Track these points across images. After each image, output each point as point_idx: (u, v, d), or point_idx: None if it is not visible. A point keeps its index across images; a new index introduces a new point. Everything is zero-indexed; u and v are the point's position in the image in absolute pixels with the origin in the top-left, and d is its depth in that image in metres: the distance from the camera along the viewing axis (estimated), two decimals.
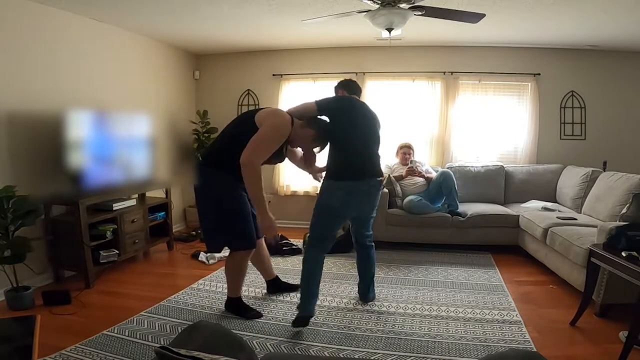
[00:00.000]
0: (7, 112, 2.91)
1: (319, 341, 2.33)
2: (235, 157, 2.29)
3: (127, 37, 4.11)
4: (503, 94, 4.78)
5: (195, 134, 5.03)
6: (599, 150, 4.59)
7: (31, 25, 3.08)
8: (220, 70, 5.32)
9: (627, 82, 4.61)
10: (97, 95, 3.68)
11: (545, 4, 3.14)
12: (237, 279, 2.68)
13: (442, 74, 4.77)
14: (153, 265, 3.82)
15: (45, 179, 3.09)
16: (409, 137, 4.67)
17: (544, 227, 3.36)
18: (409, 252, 4.02)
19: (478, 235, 4.02)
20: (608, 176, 3.64)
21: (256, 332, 2.43)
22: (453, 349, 2.23)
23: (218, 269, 3.58)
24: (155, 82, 4.60)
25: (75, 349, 2.19)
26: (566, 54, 4.62)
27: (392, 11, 2.63)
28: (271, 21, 3.80)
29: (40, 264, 3.14)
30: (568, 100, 4.72)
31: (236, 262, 2.62)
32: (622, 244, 2.25)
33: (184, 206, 5.22)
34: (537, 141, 4.75)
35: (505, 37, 4.32)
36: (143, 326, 2.49)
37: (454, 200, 4.08)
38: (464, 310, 2.73)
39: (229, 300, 2.73)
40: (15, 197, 2.69)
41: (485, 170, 4.54)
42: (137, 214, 3.69)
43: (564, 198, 4.20)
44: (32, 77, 3.09)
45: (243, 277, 2.71)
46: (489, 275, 3.43)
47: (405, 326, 2.52)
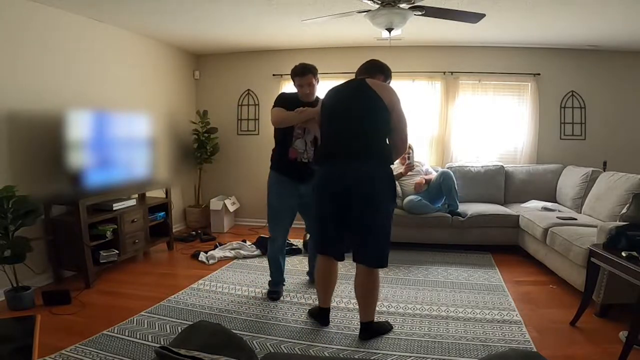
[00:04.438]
0: (7, 112, 2.91)
1: (319, 341, 2.33)
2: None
3: (127, 37, 4.11)
4: (503, 94, 4.78)
5: (195, 134, 5.04)
6: (599, 150, 4.59)
7: (31, 25, 3.08)
8: (220, 70, 5.33)
9: (627, 82, 4.61)
10: (97, 95, 3.68)
11: (545, 3, 3.14)
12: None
13: (442, 74, 4.77)
14: (153, 265, 3.81)
15: (45, 179, 3.09)
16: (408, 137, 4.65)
17: (544, 227, 3.36)
18: (409, 252, 4.02)
19: (478, 235, 4.02)
20: (608, 176, 3.64)
21: (256, 332, 2.43)
22: (453, 349, 2.23)
23: (218, 269, 3.59)
24: (155, 82, 4.60)
25: (75, 349, 2.19)
26: (566, 54, 4.62)
27: (392, 11, 2.63)
28: (271, 21, 3.80)
29: (40, 264, 3.14)
30: (568, 100, 4.72)
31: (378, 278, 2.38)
32: (622, 244, 2.25)
33: (184, 206, 5.23)
34: (537, 141, 4.75)
35: (505, 37, 4.32)
36: (143, 326, 2.49)
37: (454, 200, 4.08)
38: (464, 310, 2.73)
39: (370, 325, 2.39)
40: (15, 197, 2.68)
41: (485, 170, 4.54)
42: (137, 214, 3.69)
43: (564, 198, 4.20)
44: (32, 77, 3.09)
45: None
46: (489, 275, 3.43)
47: (405, 326, 2.52)
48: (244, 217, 5.37)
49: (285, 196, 2.86)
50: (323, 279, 2.50)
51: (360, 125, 2.27)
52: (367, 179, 2.20)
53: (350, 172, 2.22)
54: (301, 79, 2.78)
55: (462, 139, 4.85)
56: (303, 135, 2.81)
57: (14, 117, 2.95)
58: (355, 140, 2.26)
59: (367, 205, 2.22)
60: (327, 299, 2.55)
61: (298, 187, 2.83)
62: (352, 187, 2.21)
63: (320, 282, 2.52)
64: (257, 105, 5.28)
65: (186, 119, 5.06)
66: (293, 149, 2.81)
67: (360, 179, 2.20)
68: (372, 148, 2.26)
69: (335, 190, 2.26)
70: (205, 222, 5.12)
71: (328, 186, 2.30)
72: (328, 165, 2.32)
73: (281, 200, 2.86)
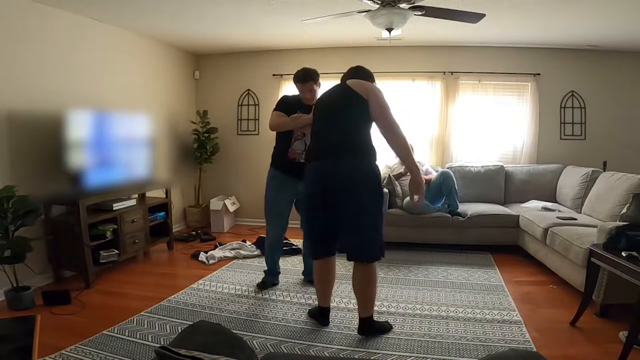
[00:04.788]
0: (7, 111, 2.91)
1: (319, 341, 2.33)
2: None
3: (127, 37, 4.11)
4: (503, 94, 4.78)
5: (195, 134, 5.04)
6: (599, 150, 4.59)
7: (31, 24, 3.07)
8: (220, 70, 5.33)
9: (627, 82, 4.61)
10: (97, 95, 3.68)
11: (545, 3, 3.14)
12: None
13: (442, 74, 4.77)
14: (153, 265, 3.81)
15: (45, 179, 3.09)
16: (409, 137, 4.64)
17: (544, 227, 3.36)
18: (409, 252, 4.02)
19: (478, 235, 4.02)
20: (608, 176, 3.64)
21: (256, 332, 2.43)
22: (453, 349, 2.23)
23: (218, 269, 3.59)
24: (155, 82, 4.60)
25: (75, 349, 2.19)
26: (566, 54, 4.62)
27: (392, 11, 2.63)
28: (271, 21, 3.81)
29: (40, 264, 3.14)
30: (568, 100, 4.72)
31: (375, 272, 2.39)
32: (622, 244, 2.25)
33: (184, 206, 5.23)
34: (537, 141, 4.75)
35: (505, 37, 4.32)
36: (143, 326, 2.49)
37: (454, 200, 4.08)
38: (464, 310, 2.73)
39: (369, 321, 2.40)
40: (15, 197, 2.68)
41: (485, 170, 4.54)
42: (137, 214, 3.69)
43: (564, 198, 4.20)
44: (32, 77, 3.09)
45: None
46: (489, 275, 3.43)
47: (405, 326, 2.52)
48: (244, 217, 5.37)
49: (282, 192, 2.98)
50: (320, 278, 2.52)
51: (339, 123, 2.29)
52: (347, 176, 2.20)
53: (330, 170, 2.23)
54: (302, 86, 2.90)
55: (462, 139, 4.85)
56: (303, 137, 2.90)
57: (14, 117, 2.95)
58: (334, 138, 2.29)
59: (350, 202, 2.21)
60: (327, 298, 2.55)
61: (296, 184, 2.89)
62: (333, 185, 2.22)
63: (318, 281, 2.53)
64: (257, 105, 5.28)
65: (186, 119, 5.06)
66: (292, 149, 2.91)
67: (340, 176, 2.21)
68: (351, 144, 2.26)
69: (318, 189, 2.29)
70: (205, 222, 5.12)
71: (311, 186, 2.35)
72: (310, 166, 2.37)
73: (278, 195, 2.99)
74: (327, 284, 2.53)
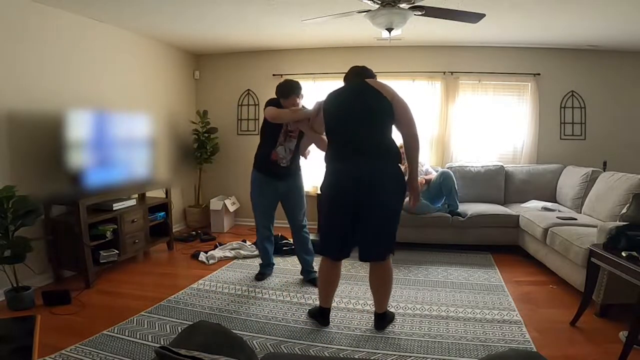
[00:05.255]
0: (7, 111, 2.91)
1: (319, 341, 2.33)
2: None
3: (127, 37, 4.11)
4: (503, 94, 4.78)
5: (195, 134, 5.04)
6: (599, 150, 4.59)
7: (31, 24, 3.07)
8: (220, 70, 5.33)
9: (627, 82, 4.61)
10: (97, 95, 3.67)
11: (545, 3, 3.14)
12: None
13: (442, 74, 4.77)
14: (153, 265, 3.81)
15: (45, 179, 3.09)
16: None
17: (544, 227, 3.36)
18: (409, 252, 4.02)
19: (478, 235, 4.02)
20: (608, 176, 3.64)
21: (256, 332, 2.43)
22: (453, 349, 2.23)
23: (218, 269, 3.59)
24: (155, 82, 4.60)
25: (75, 349, 2.19)
26: (566, 54, 4.62)
27: (392, 11, 2.63)
28: (271, 21, 3.80)
29: (40, 264, 3.14)
30: (568, 100, 4.72)
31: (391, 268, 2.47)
32: (622, 244, 2.25)
33: (184, 206, 5.23)
34: (537, 141, 4.75)
35: (505, 37, 4.32)
36: (143, 326, 2.49)
37: (454, 200, 4.08)
38: (464, 310, 2.73)
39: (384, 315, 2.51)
40: (15, 197, 2.68)
41: (485, 170, 4.54)
42: (137, 214, 3.69)
43: (564, 198, 4.20)
44: (32, 77, 3.09)
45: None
46: (489, 275, 3.43)
47: (405, 326, 2.52)
48: (244, 217, 5.36)
49: (265, 191, 3.17)
50: (327, 279, 2.51)
51: (367, 124, 2.31)
52: (376, 177, 2.23)
53: (360, 170, 2.24)
54: (285, 101, 2.96)
55: (462, 139, 4.84)
56: (284, 143, 3.04)
57: (14, 117, 2.95)
58: (363, 138, 2.29)
59: (377, 203, 2.25)
60: (329, 298, 2.56)
61: (277, 184, 3.12)
62: (362, 185, 2.23)
63: (324, 281, 2.52)
64: (257, 105, 5.28)
65: (186, 119, 5.06)
66: (275, 152, 3.05)
67: (370, 176, 2.23)
68: (380, 146, 2.30)
69: (346, 190, 2.28)
70: (205, 222, 5.12)
71: (338, 185, 2.33)
72: (338, 166, 2.36)
73: (262, 194, 3.18)
74: (333, 285, 2.54)
